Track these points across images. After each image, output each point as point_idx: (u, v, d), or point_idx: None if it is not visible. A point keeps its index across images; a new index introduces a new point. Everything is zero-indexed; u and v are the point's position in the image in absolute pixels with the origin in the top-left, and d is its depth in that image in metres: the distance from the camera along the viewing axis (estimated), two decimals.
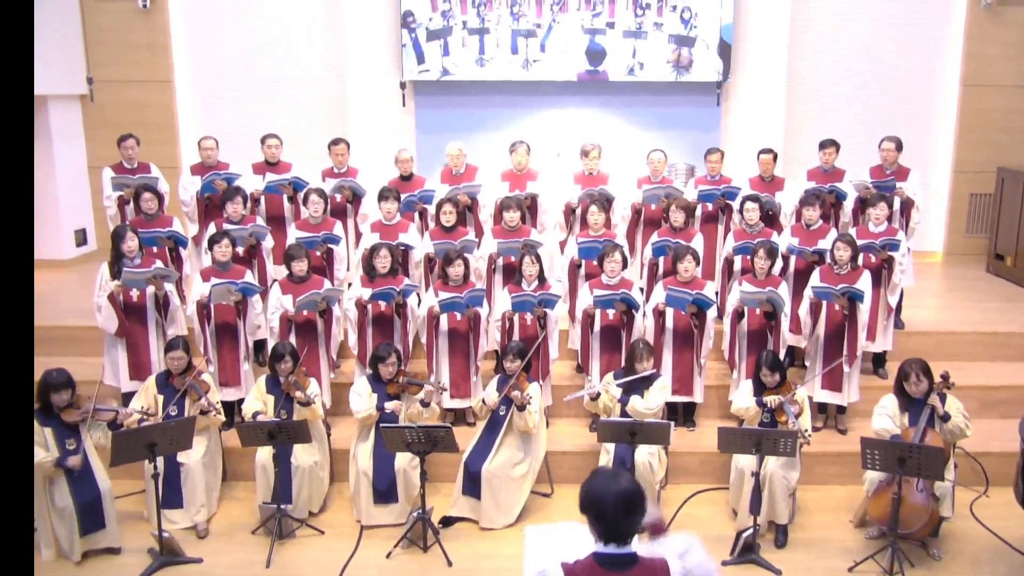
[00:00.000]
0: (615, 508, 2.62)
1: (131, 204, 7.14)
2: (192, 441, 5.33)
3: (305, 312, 6.18)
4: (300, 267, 6.25)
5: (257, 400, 5.75)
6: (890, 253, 6.41)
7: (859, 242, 6.35)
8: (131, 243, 6.18)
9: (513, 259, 6.68)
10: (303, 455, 5.66)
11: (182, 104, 9.69)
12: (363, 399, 5.68)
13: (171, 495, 5.52)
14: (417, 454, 5.27)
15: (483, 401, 5.79)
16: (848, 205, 7.03)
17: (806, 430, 5.35)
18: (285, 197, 7.24)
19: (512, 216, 6.76)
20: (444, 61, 9.15)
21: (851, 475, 5.80)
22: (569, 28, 9.06)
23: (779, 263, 6.50)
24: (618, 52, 9.09)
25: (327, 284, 6.36)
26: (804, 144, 8.97)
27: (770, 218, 7.02)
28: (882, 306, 6.56)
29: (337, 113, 9.46)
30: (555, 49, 9.12)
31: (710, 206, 7.21)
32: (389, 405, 5.62)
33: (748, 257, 6.46)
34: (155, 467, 5.12)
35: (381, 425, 5.43)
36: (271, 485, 5.50)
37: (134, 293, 6.15)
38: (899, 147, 7.00)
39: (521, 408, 5.57)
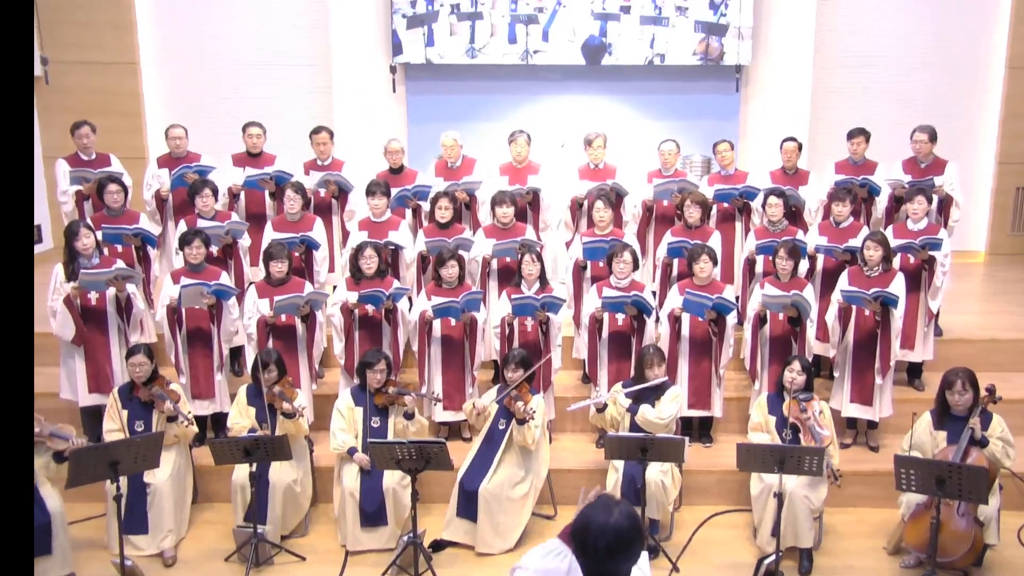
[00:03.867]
0: (598, 544, 2.55)
1: (91, 200, 7.09)
2: (160, 459, 5.32)
3: (283, 317, 6.23)
4: (279, 268, 6.27)
5: (242, 416, 5.78)
6: (931, 253, 6.43)
7: (896, 242, 6.38)
8: (86, 240, 6.13)
9: (510, 260, 6.72)
10: (280, 472, 5.68)
11: (148, 89, 9.71)
12: (344, 429, 5.69)
13: (135, 519, 5.51)
14: (408, 472, 5.29)
15: (474, 405, 5.80)
16: (881, 203, 7.06)
17: (838, 470, 5.35)
18: (267, 193, 7.26)
19: (506, 212, 6.77)
20: (428, 52, 9.03)
21: (885, 497, 5.83)
22: (576, 12, 8.97)
23: (804, 264, 6.55)
24: (633, 40, 8.96)
25: (308, 287, 6.39)
26: (831, 134, 8.99)
27: (793, 215, 7.04)
28: (922, 312, 6.58)
29: (321, 100, 9.47)
30: (560, 37, 8.97)
31: (726, 204, 7.25)
32: (359, 457, 5.63)
33: (771, 257, 6.50)
34: (118, 488, 5.08)
35: (369, 440, 5.46)
36: (248, 506, 5.52)
37: (92, 296, 6.15)
38: (932, 137, 7.00)
39: (522, 422, 5.61)
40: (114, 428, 5.63)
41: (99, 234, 6.42)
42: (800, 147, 7.37)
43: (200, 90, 9.66)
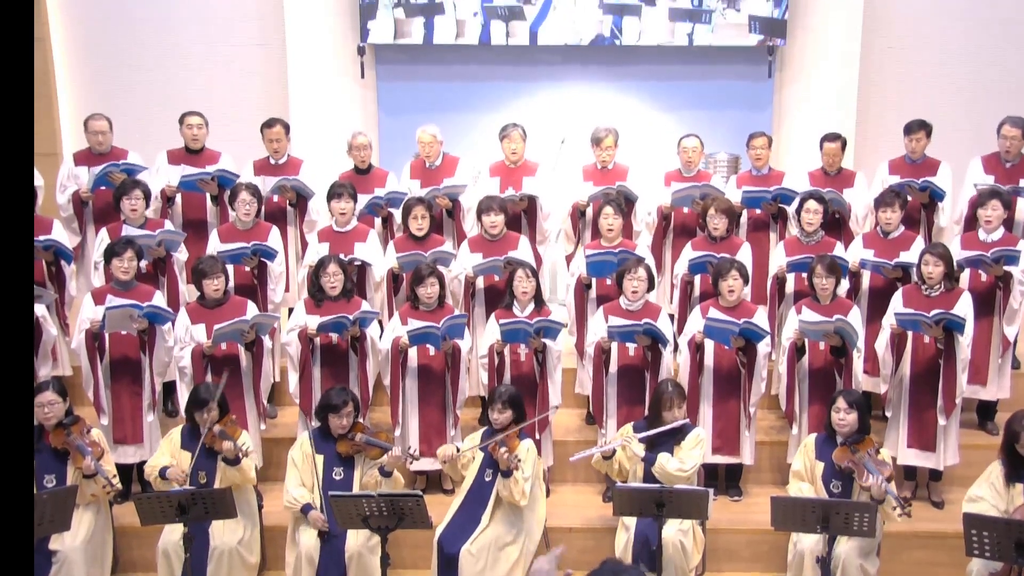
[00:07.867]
0: None
1: None
2: (71, 519, 5.25)
3: (223, 345, 6.19)
4: (215, 287, 6.24)
5: (165, 454, 5.73)
6: (1007, 268, 6.42)
7: (965, 254, 6.39)
8: None
9: (498, 279, 6.72)
10: (223, 533, 5.62)
11: (62, 70, 9.59)
12: (298, 482, 5.66)
13: None
14: (377, 531, 5.25)
15: (452, 451, 5.79)
16: (949, 209, 7.04)
17: (905, 497, 5.27)
18: (208, 197, 7.25)
19: (494, 221, 6.77)
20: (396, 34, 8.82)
21: (951, 564, 5.77)
22: (579, 2, 8.81)
23: (844, 283, 6.51)
24: (662, 41, 8.87)
25: (252, 308, 6.35)
26: (884, 127, 9.01)
27: (836, 223, 7.07)
28: (996, 340, 6.57)
29: (274, 86, 9.45)
30: (555, 38, 8.82)
31: (758, 211, 7.27)
32: (314, 516, 5.59)
33: (805, 275, 6.50)
34: None
35: (331, 493, 5.42)
36: None
37: None
38: None
39: (507, 474, 5.58)
40: None
41: None
42: (844, 144, 7.38)
43: (125, 73, 9.56)
